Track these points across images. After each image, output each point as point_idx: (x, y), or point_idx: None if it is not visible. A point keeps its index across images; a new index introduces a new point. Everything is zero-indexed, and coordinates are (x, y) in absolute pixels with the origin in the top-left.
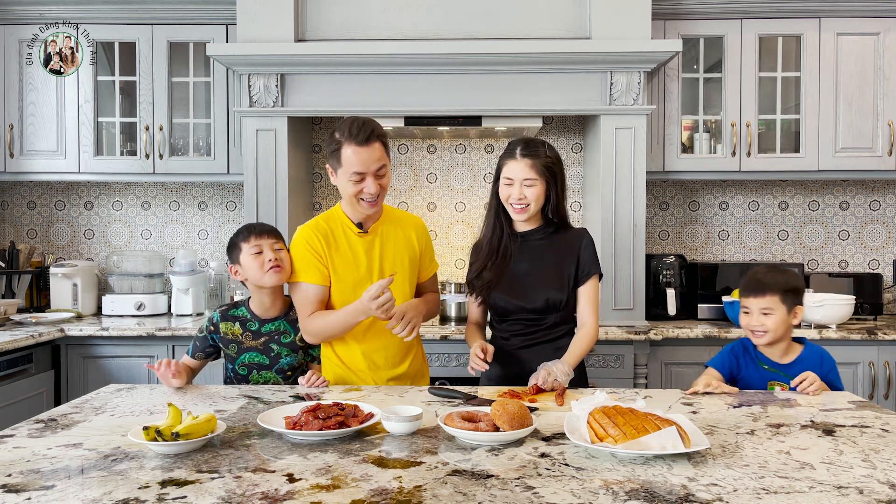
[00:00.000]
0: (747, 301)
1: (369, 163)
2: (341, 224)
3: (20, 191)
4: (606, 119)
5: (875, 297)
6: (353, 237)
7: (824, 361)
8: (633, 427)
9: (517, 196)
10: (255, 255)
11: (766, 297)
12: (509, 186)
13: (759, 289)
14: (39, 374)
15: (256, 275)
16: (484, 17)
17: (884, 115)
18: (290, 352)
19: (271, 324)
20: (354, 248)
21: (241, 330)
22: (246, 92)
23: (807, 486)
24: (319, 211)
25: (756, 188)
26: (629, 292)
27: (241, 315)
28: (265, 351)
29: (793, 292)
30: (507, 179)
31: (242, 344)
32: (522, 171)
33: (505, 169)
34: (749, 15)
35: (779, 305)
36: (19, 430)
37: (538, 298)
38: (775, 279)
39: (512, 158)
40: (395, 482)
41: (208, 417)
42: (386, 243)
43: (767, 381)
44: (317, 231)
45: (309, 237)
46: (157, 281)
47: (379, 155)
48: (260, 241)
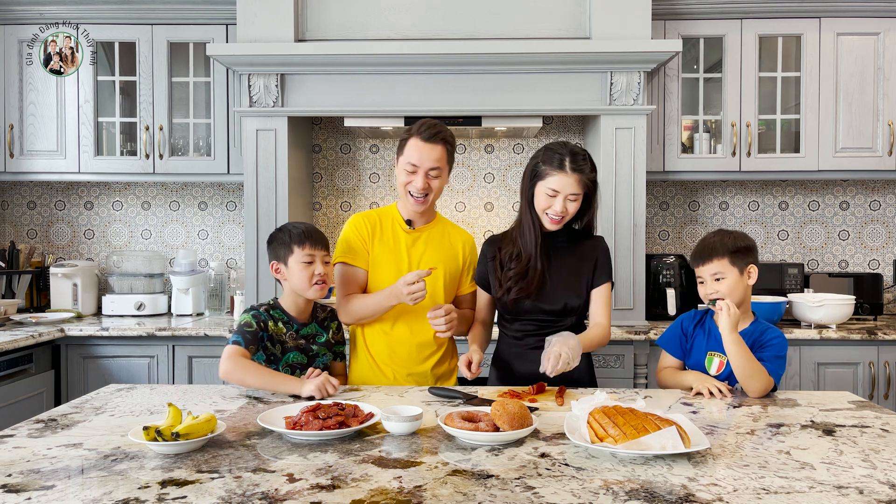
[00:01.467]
0: (699, 270)
1: (425, 159)
2: (392, 218)
3: (20, 191)
4: (606, 119)
5: (875, 297)
6: (399, 231)
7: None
8: (633, 427)
9: (559, 210)
10: (305, 265)
11: (714, 262)
12: (552, 198)
13: (705, 254)
14: (39, 374)
15: (302, 285)
16: (484, 17)
17: (884, 115)
18: (326, 350)
19: (307, 326)
20: (398, 242)
21: (285, 329)
22: (246, 92)
23: (807, 486)
24: (319, 211)
25: (756, 188)
26: (629, 292)
27: (279, 315)
28: (305, 350)
29: (741, 252)
30: (551, 191)
31: (286, 344)
32: (570, 185)
33: (550, 180)
34: (749, 15)
35: (729, 268)
36: (19, 430)
37: (558, 301)
38: (721, 241)
39: (561, 171)
40: (395, 482)
41: (208, 417)
42: (430, 245)
43: (708, 350)
44: (367, 219)
45: (358, 223)
46: (157, 281)
47: (438, 156)
48: (314, 252)
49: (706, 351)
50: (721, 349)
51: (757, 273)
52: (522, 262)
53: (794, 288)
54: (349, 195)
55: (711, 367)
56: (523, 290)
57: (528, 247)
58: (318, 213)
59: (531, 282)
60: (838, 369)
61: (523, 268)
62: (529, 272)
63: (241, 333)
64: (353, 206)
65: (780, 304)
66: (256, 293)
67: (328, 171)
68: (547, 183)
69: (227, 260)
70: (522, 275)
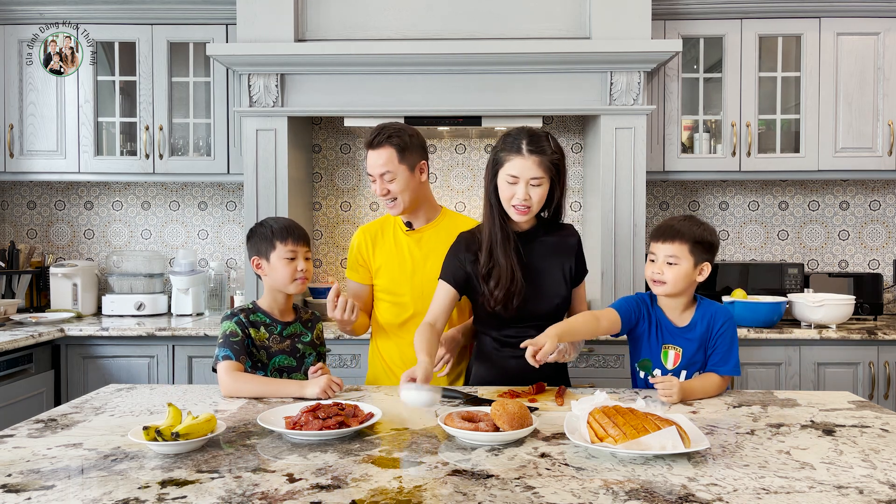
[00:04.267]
0: (655, 246)
1: (374, 166)
2: (393, 223)
3: (20, 191)
4: (606, 119)
5: (875, 297)
6: (401, 235)
7: (716, 322)
8: (633, 427)
9: (522, 197)
10: (287, 261)
11: (674, 244)
12: (513, 185)
13: (669, 234)
14: (39, 374)
15: (284, 280)
16: (484, 17)
17: (884, 115)
18: (312, 350)
19: (290, 326)
20: (400, 245)
21: (267, 334)
22: (246, 92)
23: (807, 486)
24: (319, 211)
25: (756, 188)
26: (629, 292)
27: (260, 320)
28: (292, 352)
29: (704, 245)
30: (510, 177)
31: (271, 348)
32: (530, 169)
33: (508, 165)
34: (749, 15)
35: (686, 256)
36: (19, 430)
37: (549, 302)
38: (689, 228)
39: (517, 154)
40: (395, 482)
41: (208, 417)
42: (432, 243)
43: (662, 344)
44: (367, 233)
45: (359, 240)
46: (157, 281)
47: (384, 160)
48: (297, 248)
49: (659, 344)
50: (674, 341)
51: (708, 273)
52: (501, 270)
53: (794, 288)
54: (349, 195)
55: (668, 361)
56: (508, 290)
57: (497, 250)
58: (318, 213)
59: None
60: (838, 369)
61: (504, 278)
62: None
63: (230, 346)
64: (353, 206)
65: (780, 304)
66: (256, 293)
67: (328, 171)
68: (506, 170)
69: (227, 260)
70: (503, 275)
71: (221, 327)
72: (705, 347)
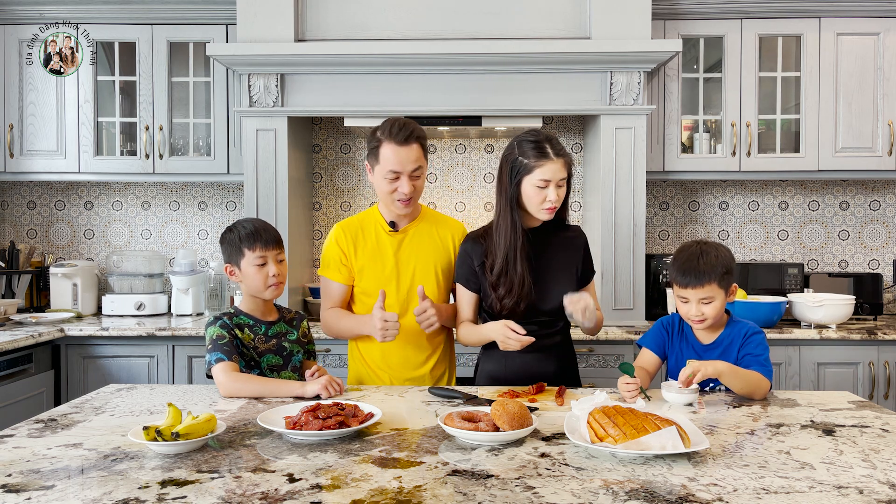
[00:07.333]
0: (684, 291)
1: (406, 163)
2: (374, 223)
3: (20, 191)
4: (606, 119)
5: (875, 297)
6: (383, 235)
7: (746, 342)
8: (633, 427)
9: (555, 199)
10: (258, 267)
11: (705, 287)
12: (543, 189)
13: (695, 278)
14: (39, 374)
15: (258, 287)
16: (484, 17)
17: (884, 115)
18: (299, 348)
19: (275, 325)
20: (382, 246)
21: (252, 335)
22: (246, 92)
23: (807, 486)
24: (319, 211)
25: (756, 188)
26: (629, 292)
27: (244, 322)
28: (278, 351)
29: (728, 274)
30: (541, 182)
31: (258, 349)
32: (559, 171)
33: (538, 171)
34: (749, 15)
35: (717, 291)
36: (19, 430)
37: (555, 301)
38: (711, 266)
39: (546, 159)
40: (395, 482)
41: (208, 417)
42: (415, 243)
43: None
44: (347, 230)
45: (338, 236)
46: (157, 281)
47: (416, 156)
48: (266, 253)
49: (684, 360)
50: (697, 357)
51: (737, 290)
52: (512, 270)
53: (793, 288)
54: (349, 195)
55: None
56: (519, 296)
57: (511, 252)
58: (318, 212)
59: (526, 289)
60: (838, 369)
61: (513, 275)
62: (520, 279)
63: (220, 349)
64: (353, 206)
65: (780, 304)
66: None
67: (328, 171)
68: (535, 175)
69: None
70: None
71: (207, 333)
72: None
